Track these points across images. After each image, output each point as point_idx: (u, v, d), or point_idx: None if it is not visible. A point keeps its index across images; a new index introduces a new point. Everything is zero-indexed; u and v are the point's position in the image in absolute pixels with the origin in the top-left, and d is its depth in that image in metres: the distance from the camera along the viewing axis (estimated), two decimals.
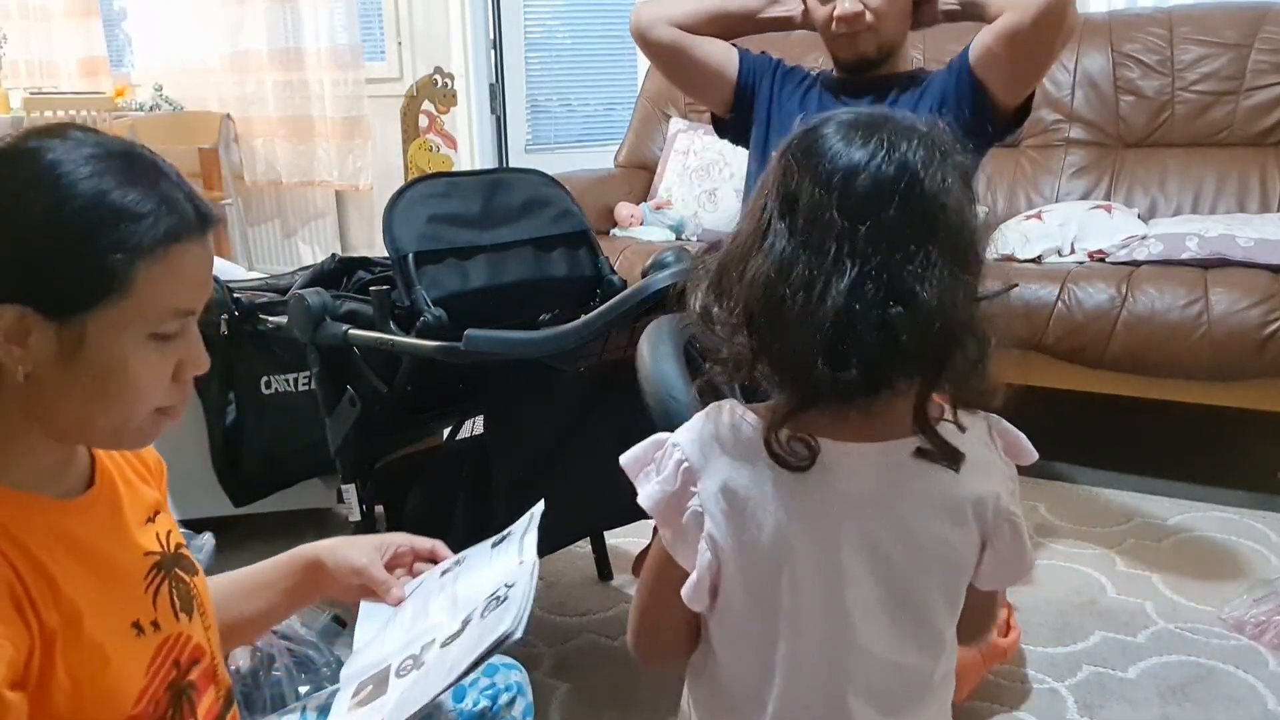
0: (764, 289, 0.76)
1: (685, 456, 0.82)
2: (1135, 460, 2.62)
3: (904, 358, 0.74)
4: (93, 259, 0.77)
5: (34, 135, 0.80)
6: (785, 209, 0.77)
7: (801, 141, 0.79)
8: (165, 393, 0.84)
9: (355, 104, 4.52)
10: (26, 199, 0.77)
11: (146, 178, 0.80)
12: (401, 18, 4.56)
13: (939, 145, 0.77)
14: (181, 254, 0.80)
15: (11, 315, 0.76)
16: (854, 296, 0.72)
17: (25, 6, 4.83)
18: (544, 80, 4.67)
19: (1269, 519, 2.34)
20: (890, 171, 0.74)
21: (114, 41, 5.08)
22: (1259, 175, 2.91)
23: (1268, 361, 2.32)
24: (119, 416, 0.82)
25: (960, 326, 0.75)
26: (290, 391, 2.22)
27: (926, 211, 0.74)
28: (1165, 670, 1.79)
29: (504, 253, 1.77)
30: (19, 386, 0.79)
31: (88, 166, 0.78)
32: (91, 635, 0.80)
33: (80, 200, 0.77)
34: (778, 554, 0.81)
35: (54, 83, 4.90)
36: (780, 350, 0.76)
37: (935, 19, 1.90)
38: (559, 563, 2.17)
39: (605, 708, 1.73)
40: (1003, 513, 0.81)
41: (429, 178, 1.79)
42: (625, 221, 3.42)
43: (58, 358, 0.78)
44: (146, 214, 0.78)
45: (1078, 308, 2.46)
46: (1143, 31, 3.09)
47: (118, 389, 0.81)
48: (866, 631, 0.81)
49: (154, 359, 0.81)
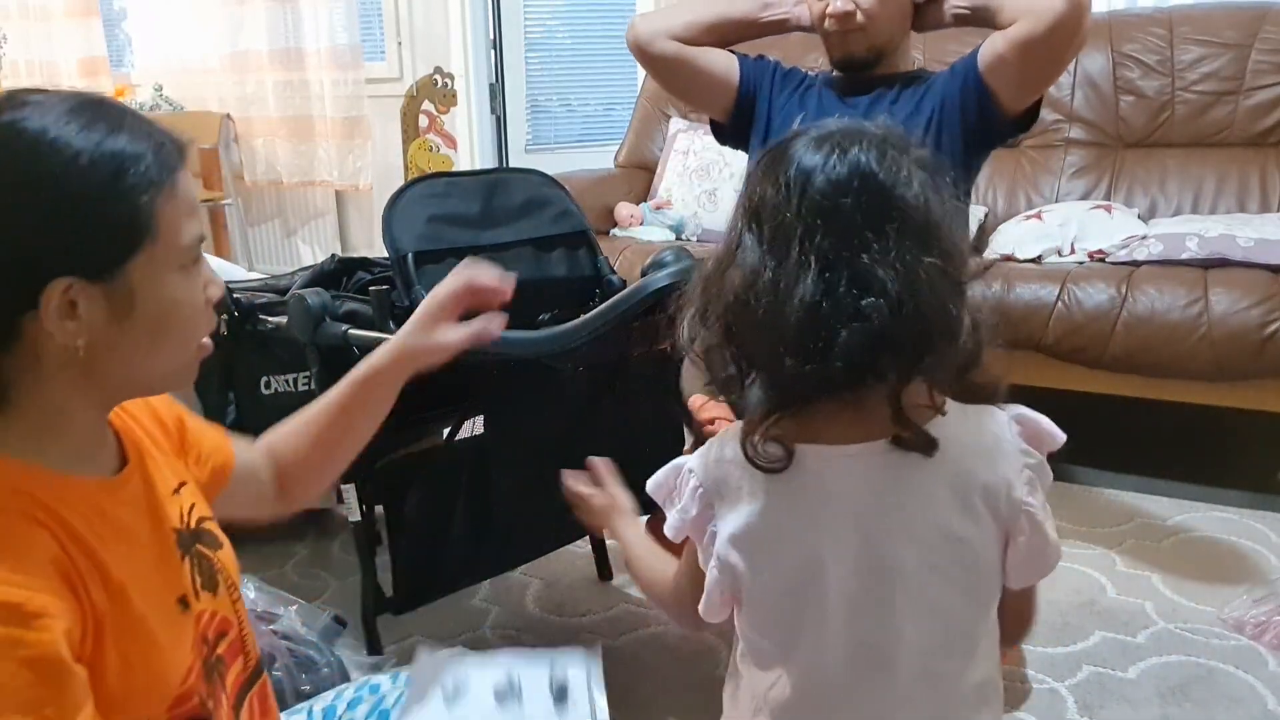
0: (735, 298, 0.78)
1: (700, 482, 0.84)
2: (1135, 460, 2.63)
3: (881, 345, 0.74)
4: (119, 208, 0.77)
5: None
6: (752, 221, 0.80)
7: (769, 156, 0.82)
8: (206, 321, 0.85)
9: (355, 104, 4.52)
10: (31, 172, 0.75)
11: (121, 119, 0.79)
12: (401, 18, 4.56)
13: (891, 142, 0.79)
14: (182, 182, 0.81)
15: (58, 290, 0.75)
16: (821, 291, 0.74)
17: (25, 6, 4.82)
18: (544, 80, 4.67)
19: (1269, 519, 2.34)
20: (843, 170, 0.77)
21: (114, 41, 5.07)
22: (1259, 175, 2.90)
23: (1268, 362, 2.32)
24: (177, 356, 0.84)
25: (934, 310, 0.76)
26: (290, 392, 2.21)
27: (883, 201, 0.76)
28: (1165, 670, 1.79)
29: (504, 253, 1.76)
30: (69, 362, 0.78)
31: (72, 123, 0.76)
32: (140, 614, 0.80)
33: (85, 157, 0.76)
34: (790, 574, 0.82)
35: (54, 83, 4.89)
36: (756, 354, 0.78)
37: (942, 22, 1.88)
38: (559, 563, 2.17)
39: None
40: (1017, 504, 0.80)
41: (428, 178, 1.79)
42: (625, 222, 3.42)
43: (110, 319, 0.78)
44: (143, 152, 0.78)
45: (1078, 308, 2.46)
46: (1143, 31, 3.09)
47: (173, 328, 0.82)
48: (888, 639, 0.81)
49: (191, 289, 0.83)
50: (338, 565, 2.26)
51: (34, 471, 0.78)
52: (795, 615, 0.82)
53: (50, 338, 0.76)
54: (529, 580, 2.14)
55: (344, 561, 2.27)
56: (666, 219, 3.42)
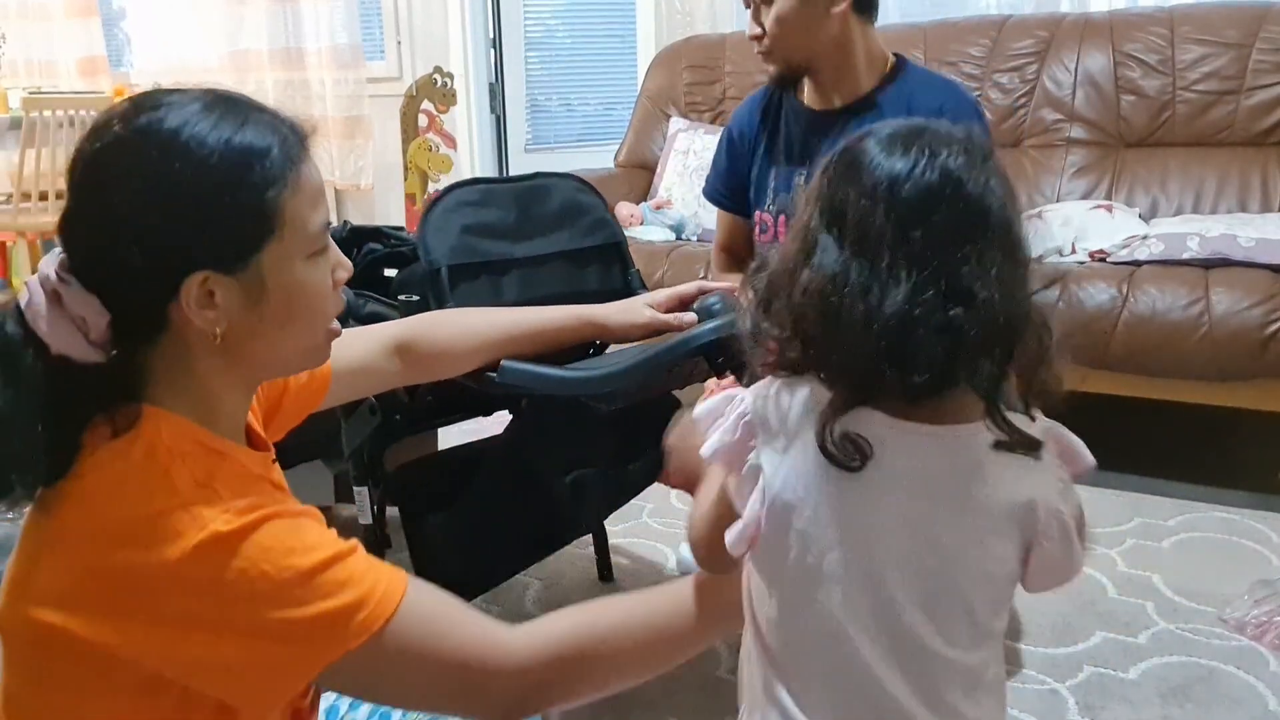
0: (819, 299, 0.77)
1: (748, 410, 0.83)
2: (1136, 460, 2.62)
3: (969, 356, 0.76)
4: (248, 204, 0.81)
5: (133, 114, 0.81)
6: (832, 221, 0.79)
7: (843, 158, 0.81)
8: (334, 303, 0.90)
9: (355, 103, 4.52)
10: (169, 172, 0.79)
11: (247, 114, 0.83)
12: (401, 17, 4.56)
13: (977, 150, 0.79)
14: (306, 173, 0.84)
15: (195, 284, 0.80)
16: (913, 300, 0.74)
17: (25, 6, 4.83)
18: (544, 80, 4.67)
19: (1270, 519, 2.34)
20: (934, 178, 0.77)
21: (113, 41, 5.07)
22: (1260, 175, 2.90)
23: (1269, 362, 2.31)
24: (308, 338, 0.89)
25: (1021, 319, 0.78)
26: None
27: (973, 213, 0.77)
28: (1166, 671, 1.79)
29: (538, 268, 1.72)
30: (216, 346, 0.83)
31: (204, 121, 0.80)
32: None
33: (216, 155, 0.79)
34: (820, 525, 0.80)
35: (53, 82, 4.89)
36: (840, 359, 0.78)
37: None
38: (559, 563, 2.16)
39: (605, 708, 1.73)
40: (1052, 510, 0.81)
41: (465, 184, 1.73)
42: (625, 221, 3.42)
43: (245, 306, 0.82)
44: (270, 146, 0.82)
45: (1078, 308, 2.46)
46: (1144, 31, 3.08)
47: (304, 312, 0.86)
48: (906, 613, 0.80)
49: (319, 275, 0.87)
50: None
51: (208, 434, 0.84)
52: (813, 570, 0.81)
53: (193, 325, 0.81)
54: (529, 581, 2.14)
55: None
56: (666, 219, 3.42)
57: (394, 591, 0.81)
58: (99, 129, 0.81)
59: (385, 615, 0.80)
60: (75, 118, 3.99)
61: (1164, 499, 2.46)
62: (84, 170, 0.81)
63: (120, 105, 0.83)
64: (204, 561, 0.76)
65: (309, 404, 1.13)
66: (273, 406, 1.07)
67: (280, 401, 1.08)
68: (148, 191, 0.79)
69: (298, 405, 1.11)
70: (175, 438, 0.81)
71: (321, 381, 1.13)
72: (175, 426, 0.82)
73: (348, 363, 1.17)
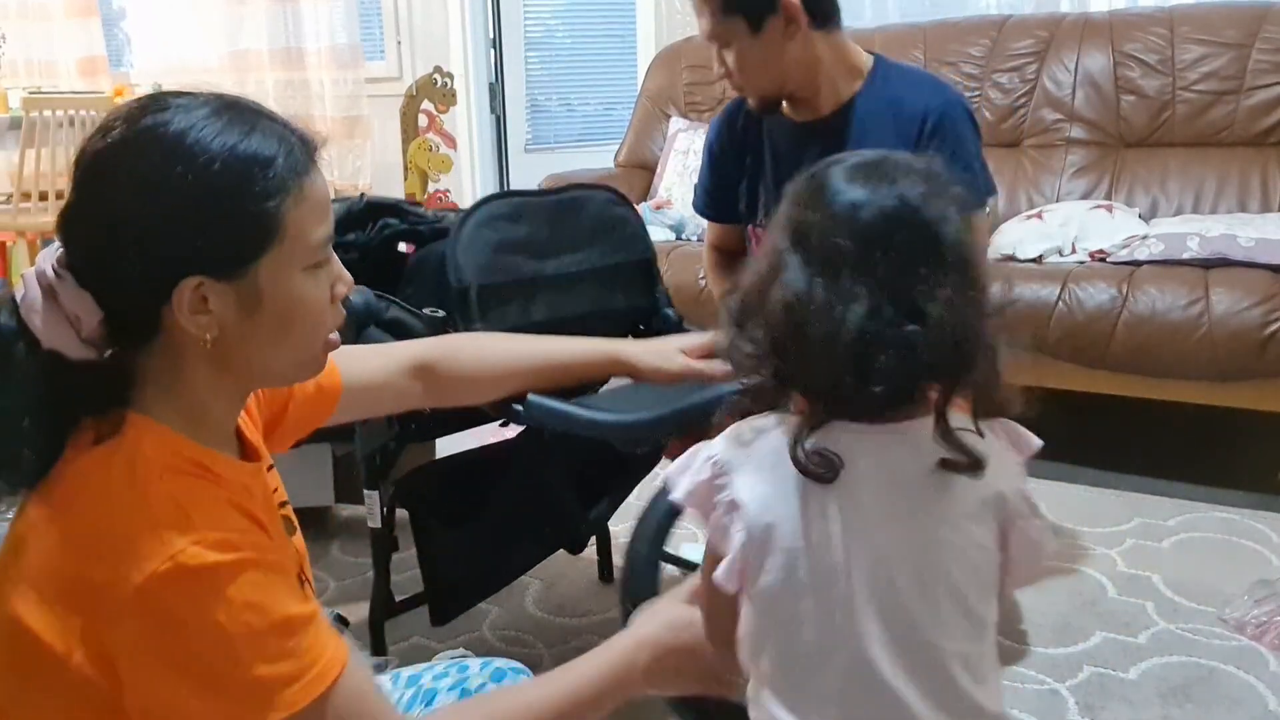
0: (785, 315, 0.82)
1: (713, 453, 0.87)
2: (1135, 460, 2.62)
3: (924, 372, 0.80)
4: (248, 213, 0.80)
5: (139, 115, 0.81)
6: (797, 241, 0.84)
7: (808, 185, 0.86)
8: (332, 317, 0.89)
9: (355, 103, 4.52)
10: (170, 176, 0.78)
11: (255, 122, 0.82)
12: (401, 17, 4.56)
13: (934, 179, 0.84)
14: (310, 184, 0.84)
15: (189, 288, 0.79)
16: (872, 317, 0.79)
17: (25, 6, 4.82)
18: (544, 80, 4.67)
19: (1270, 519, 2.34)
20: (892, 203, 0.82)
21: (113, 41, 5.06)
22: (1260, 175, 2.90)
23: (1268, 362, 2.32)
24: (304, 350, 0.88)
25: (972, 340, 0.81)
26: None
27: (929, 238, 0.82)
28: (1166, 671, 1.79)
29: (568, 288, 1.69)
30: (207, 352, 0.82)
31: (209, 127, 0.80)
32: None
33: (219, 161, 0.79)
34: (806, 539, 0.83)
35: (53, 82, 4.88)
36: (807, 371, 0.82)
37: None
38: (559, 563, 2.16)
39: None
40: (1018, 491, 0.86)
41: (500, 196, 1.70)
42: None
43: (239, 314, 0.82)
44: (275, 155, 0.81)
45: (1078, 308, 2.46)
46: (1144, 31, 3.08)
47: (298, 324, 0.85)
48: (907, 611, 0.82)
49: (317, 288, 0.86)
50: (337, 566, 2.26)
51: (193, 445, 0.82)
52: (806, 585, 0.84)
53: (185, 330, 0.81)
54: (529, 581, 2.14)
55: (344, 562, 2.27)
56: (666, 219, 3.42)
57: (328, 672, 0.79)
58: (105, 128, 0.81)
59: (314, 694, 0.78)
60: (75, 118, 3.99)
61: (1164, 499, 2.46)
62: (86, 167, 0.81)
63: (129, 105, 0.83)
64: (162, 591, 0.74)
65: (317, 417, 1.13)
66: (275, 417, 1.06)
67: (284, 412, 1.07)
68: (146, 193, 0.79)
69: (304, 417, 1.10)
70: (157, 450, 0.80)
71: (331, 394, 1.12)
72: (158, 438, 0.81)
73: (363, 378, 1.16)
